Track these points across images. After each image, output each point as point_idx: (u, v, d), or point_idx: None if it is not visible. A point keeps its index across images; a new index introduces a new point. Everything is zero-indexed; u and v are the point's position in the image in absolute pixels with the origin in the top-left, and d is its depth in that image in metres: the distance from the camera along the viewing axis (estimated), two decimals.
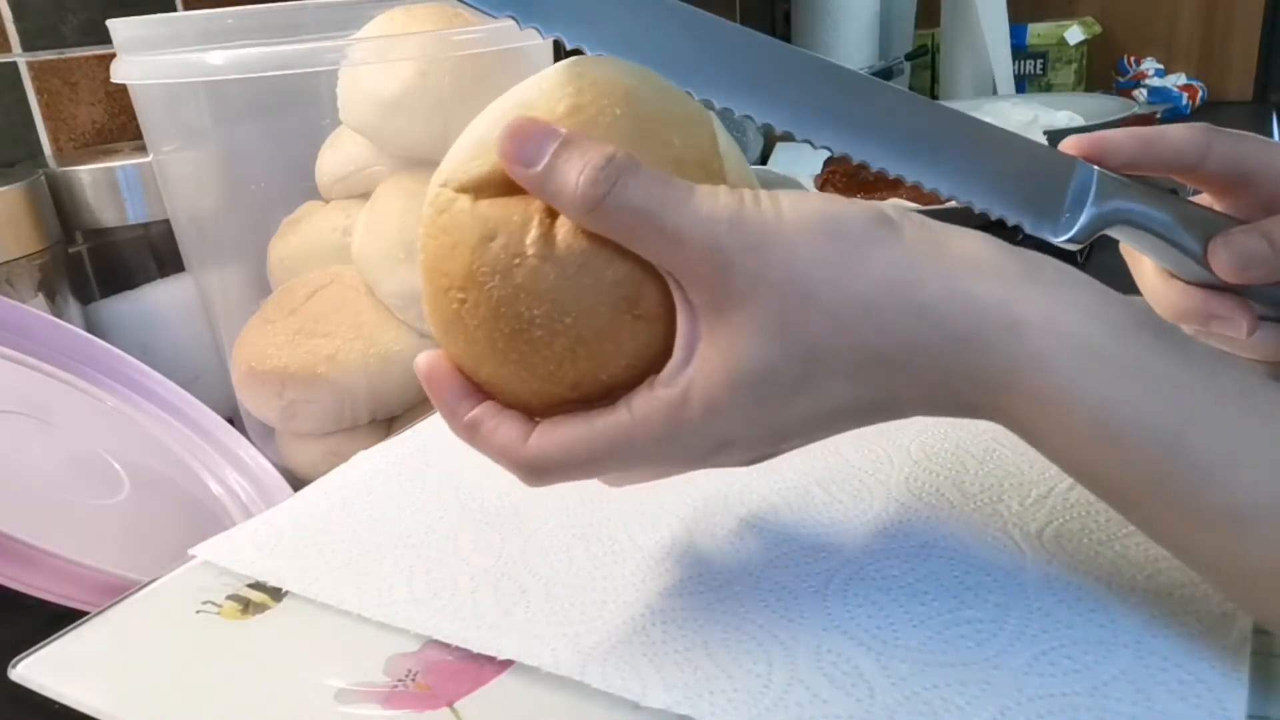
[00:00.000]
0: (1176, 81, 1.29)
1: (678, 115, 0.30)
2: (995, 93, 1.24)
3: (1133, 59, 1.34)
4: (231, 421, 0.64)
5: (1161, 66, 1.32)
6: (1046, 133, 0.93)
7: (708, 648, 0.31)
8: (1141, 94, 1.27)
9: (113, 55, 0.60)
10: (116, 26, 0.60)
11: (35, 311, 0.61)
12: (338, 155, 0.63)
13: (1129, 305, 0.27)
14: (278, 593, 0.37)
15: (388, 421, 0.62)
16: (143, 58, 0.58)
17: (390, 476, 0.45)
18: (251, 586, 0.38)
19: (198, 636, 0.35)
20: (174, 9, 0.81)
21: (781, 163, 1.06)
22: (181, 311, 0.73)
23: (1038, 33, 1.34)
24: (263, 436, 0.65)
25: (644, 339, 0.28)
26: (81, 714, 0.33)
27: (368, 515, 0.42)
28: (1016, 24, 1.30)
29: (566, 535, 0.39)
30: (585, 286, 0.27)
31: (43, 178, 0.68)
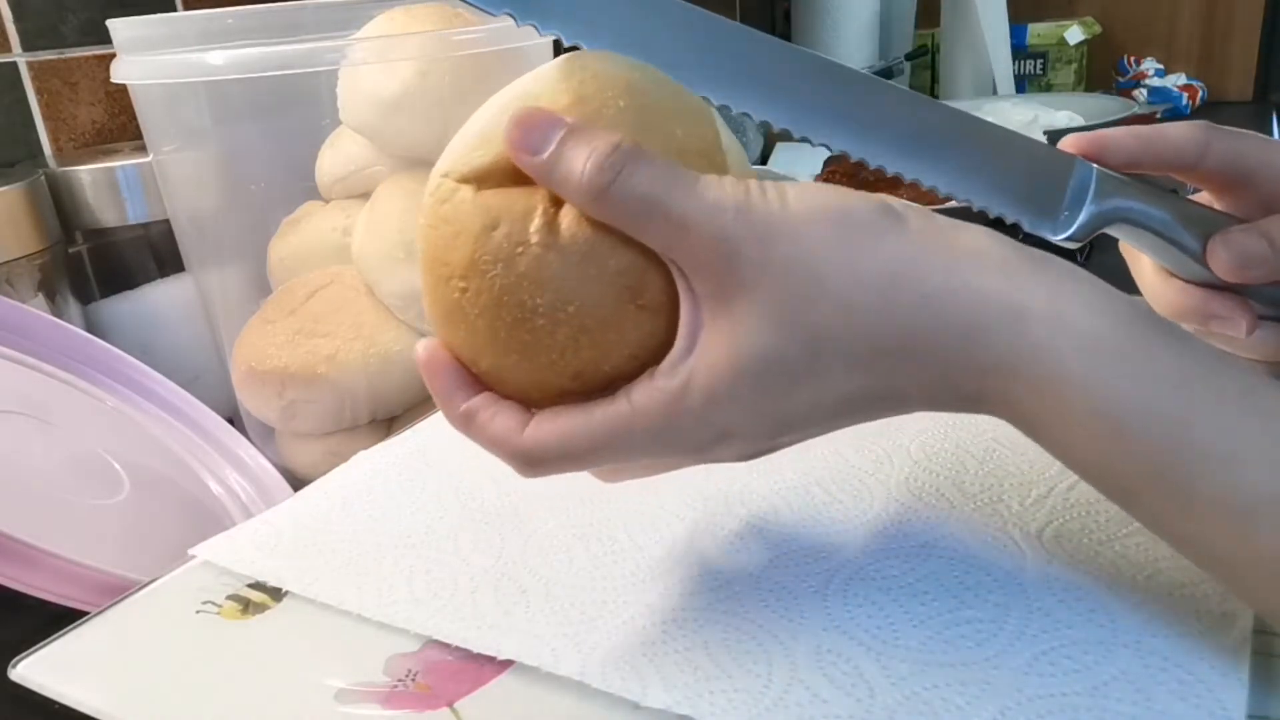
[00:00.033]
0: (1176, 81, 1.29)
1: (680, 108, 0.29)
2: (995, 93, 1.24)
3: (1133, 59, 1.34)
4: (231, 421, 0.64)
5: (1161, 66, 1.32)
6: (1046, 133, 0.93)
7: (708, 648, 0.31)
8: (1141, 94, 1.27)
9: (113, 55, 0.60)
10: (116, 26, 0.60)
11: (35, 311, 0.61)
12: (338, 155, 0.63)
13: (1132, 301, 0.27)
14: (278, 593, 0.37)
15: (388, 421, 0.62)
16: (143, 58, 0.58)
17: (390, 476, 0.45)
18: (251, 586, 0.38)
19: (198, 636, 0.35)
20: (174, 9, 0.81)
21: (781, 162, 1.06)
22: (181, 311, 0.73)
23: (1038, 33, 1.34)
24: (263, 436, 0.65)
25: (647, 329, 0.28)
26: (81, 714, 0.33)
27: (368, 515, 0.42)
28: (1016, 24, 1.30)
29: (566, 535, 0.39)
30: (589, 275, 0.27)
31: (43, 178, 0.68)
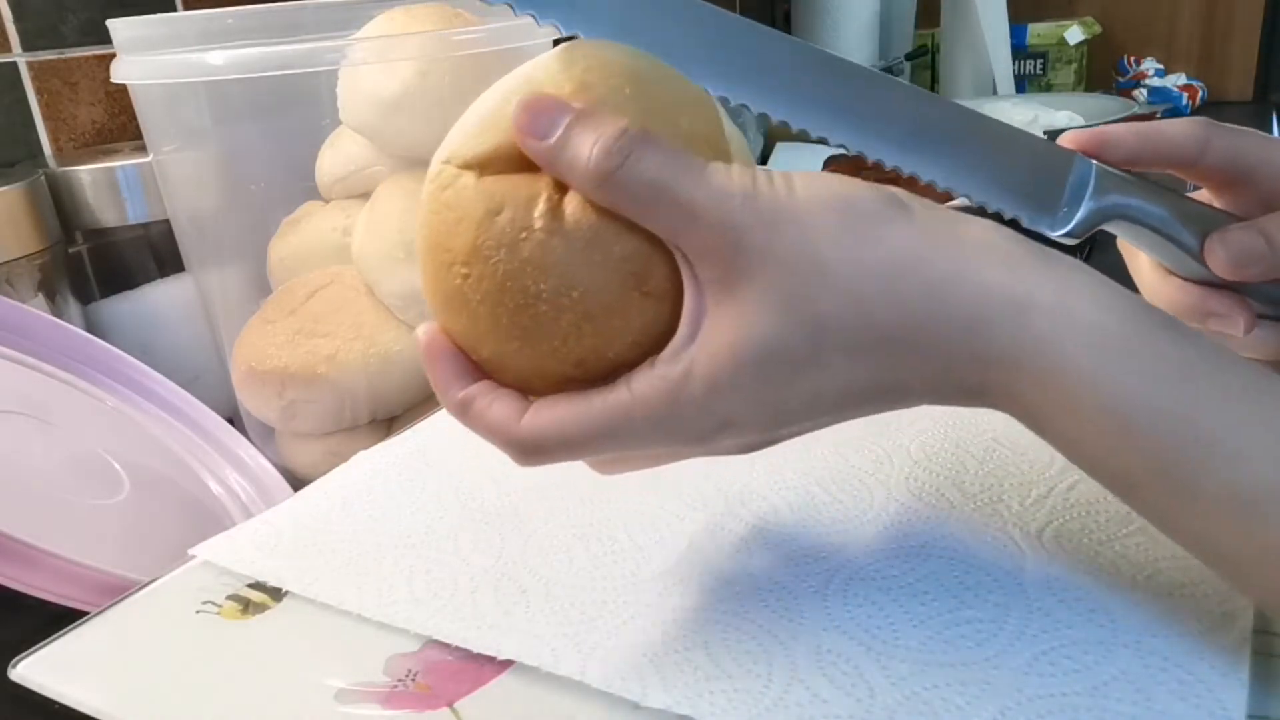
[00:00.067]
0: (1176, 81, 1.29)
1: (683, 96, 0.29)
2: (995, 93, 1.24)
3: (1133, 59, 1.34)
4: (231, 421, 0.64)
5: (1161, 66, 1.33)
6: (1046, 133, 0.92)
7: (708, 648, 0.31)
8: (1141, 94, 1.27)
9: (113, 55, 0.60)
10: (116, 26, 0.60)
11: (35, 311, 0.61)
12: (338, 155, 0.63)
13: (1135, 296, 0.27)
14: (278, 593, 0.37)
15: (388, 421, 0.62)
16: (143, 58, 0.58)
17: (390, 476, 0.45)
18: (251, 586, 0.38)
19: (198, 636, 0.35)
20: (174, 9, 0.81)
21: (781, 163, 1.06)
22: (181, 311, 0.73)
23: (1038, 33, 1.34)
24: (263, 436, 0.65)
25: (651, 316, 0.28)
26: (81, 714, 0.33)
27: (368, 515, 0.42)
28: (1016, 24, 1.30)
29: (566, 535, 0.39)
30: (593, 261, 0.27)
31: (43, 178, 0.68)
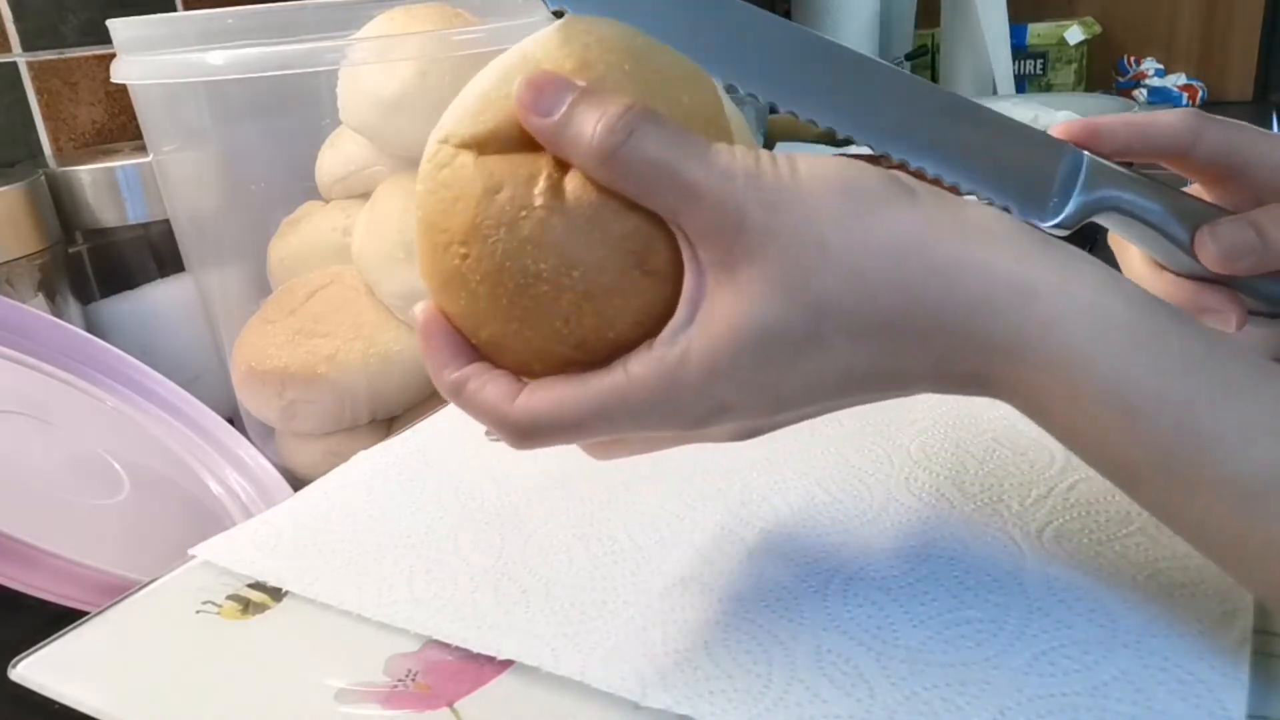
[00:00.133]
0: (1176, 81, 1.29)
1: (683, 74, 0.29)
2: (995, 93, 1.24)
3: (1133, 59, 1.34)
4: (231, 421, 0.64)
5: (1161, 66, 1.33)
6: None
7: (708, 648, 0.31)
8: (1141, 94, 1.27)
9: (113, 55, 0.60)
10: (116, 26, 0.60)
11: (35, 311, 0.61)
12: (338, 155, 0.63)
13: (1137, 285, 0.27)
14: (278, 593, 0.37)
15: (388, 421, 0.62)
16: (143, 58, 0.58)
17: (390, 476, 0.45)
18: (251, 586, 0.38)
19: (198, 636, 0.35)
20: (174, 9, 0.81)
21: None
22: (181, 311, 0.73)
23: (1038, 33, 1.34)
24: (263, 436, 0.65)
25: (651, 297, 0.27)
26: (81, 714, 0.33)
27: (368, 515, 0.42)
28: (1016, 24, 1.30)
29: (566, 535, 0.39)
30: (594, 239, 0.27)
31: (43, 178, 0.68)
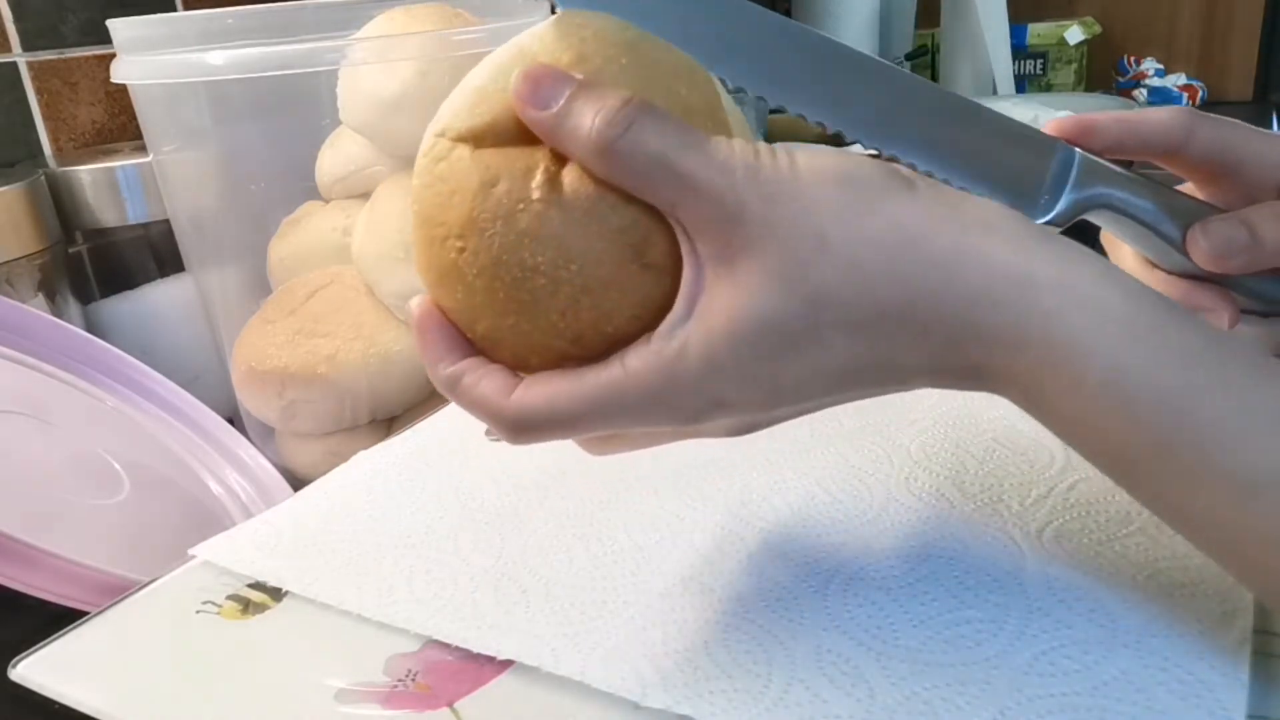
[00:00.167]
0: (1176, 81, 1.29)
1: (681, 67, 0.29)
2: (995, 93, 1.24)
3: (1133, 59, 1.34)
4: (231, 421, 0.64)
5: (1161, 66, 1.32)
6: None
7: (708, 648, 0.31)
8: (1141, 94, 1.27)
9: (113, 55, 0.60)
10: (116, 26, 0.60)
11: (35, 311, 0.61)
12: (338, 155, 0.63)
13: (1136, 279, 0.27)
14: (278, 593, 0.37)
15: (388, 421, 0.62)
16: (143, 58, 0.58)
17: (390, 476, 0.45)
18: (251, 586, 0.38)
19: (198, 636, 0.35)
20: (174, 9, 0.81)
21: None
22: (181, 311, 0.73)
23: (1038, 33, 1.34)
24: (263, 436, 0.65)
25: (649, 290, 0.27)
26: (81, 714, 0.33)
27: (368, 515, 0.42)
28: (1016, 24, 1.30)
29: (566, 535, 0.39)
30: (591, 232, 0.27)
31: (43, 178, 0.68)
